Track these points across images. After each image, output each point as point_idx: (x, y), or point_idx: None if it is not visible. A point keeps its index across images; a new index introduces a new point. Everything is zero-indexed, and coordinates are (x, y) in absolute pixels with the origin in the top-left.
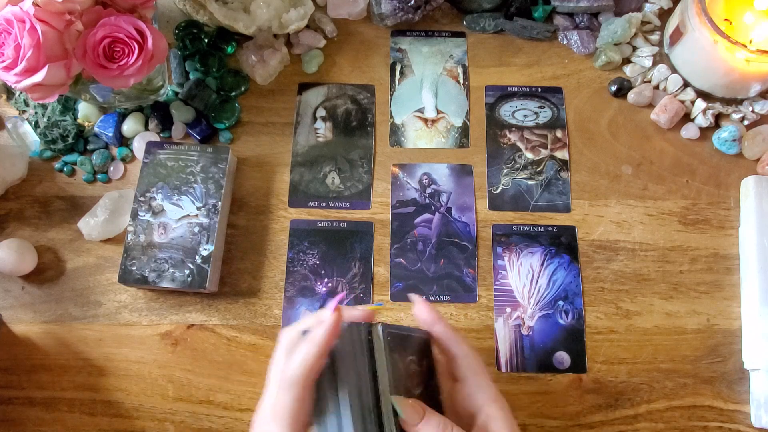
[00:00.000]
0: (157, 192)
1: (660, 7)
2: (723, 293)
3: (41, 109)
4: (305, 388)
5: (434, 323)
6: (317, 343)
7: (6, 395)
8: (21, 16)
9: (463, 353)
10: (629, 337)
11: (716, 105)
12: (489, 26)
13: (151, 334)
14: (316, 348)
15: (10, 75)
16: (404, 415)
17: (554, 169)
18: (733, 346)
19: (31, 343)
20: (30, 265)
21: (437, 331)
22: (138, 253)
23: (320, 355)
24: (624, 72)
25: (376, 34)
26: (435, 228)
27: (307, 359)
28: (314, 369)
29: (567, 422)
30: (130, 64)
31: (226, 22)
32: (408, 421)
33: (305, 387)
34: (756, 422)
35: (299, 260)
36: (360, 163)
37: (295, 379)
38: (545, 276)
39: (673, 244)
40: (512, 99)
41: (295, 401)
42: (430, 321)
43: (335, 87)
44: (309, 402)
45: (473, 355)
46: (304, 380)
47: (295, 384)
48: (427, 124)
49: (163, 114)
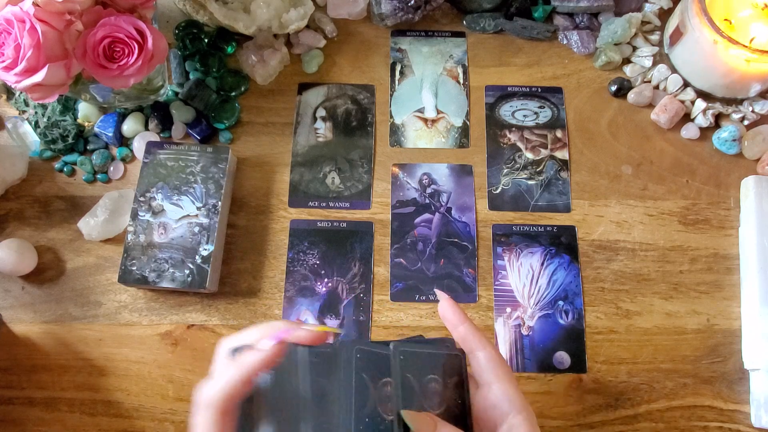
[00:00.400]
0: (157, 192)
1: (660, 7)
2: (723, 293)
3: (41, 109)
4: (224, 413)
5: (458, 324)
6: (246, 369)
7: (6, 395)
8: (21, 16)
9: (487, 357)
10: (629, 337)
11: (716, 105)
12: (489, 26)
13: (151, 334)
14: (240, 374)
15: (10, 75)
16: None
17: (554, 169)
18: (733, 346)
19: (31, 343)
20: (30, 265)
21: (461, 332)
22: (138, 253)
23: (244, 383)
24: (624, 72)
25: (376, 34)
26: (435, 228)
27: (229, 384)
28: (234, 396)
29: (567, 422)
30: (130, 64)
31: (226, 22)
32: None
33: (224, 412)
34: (756, 422)
35: (299, 260)
36: (360, 163)
37: (211, 401)
38: (545, 276)
39: (673, 244)
40: (512, 99)
41: (212, 424)
42: (455, 321)
43: (335, 87)
44: (230, 425)
45: (499, 360)
46: (223, 404)
47: (211, 406)
48: (427, 124)
49: (163, 114)
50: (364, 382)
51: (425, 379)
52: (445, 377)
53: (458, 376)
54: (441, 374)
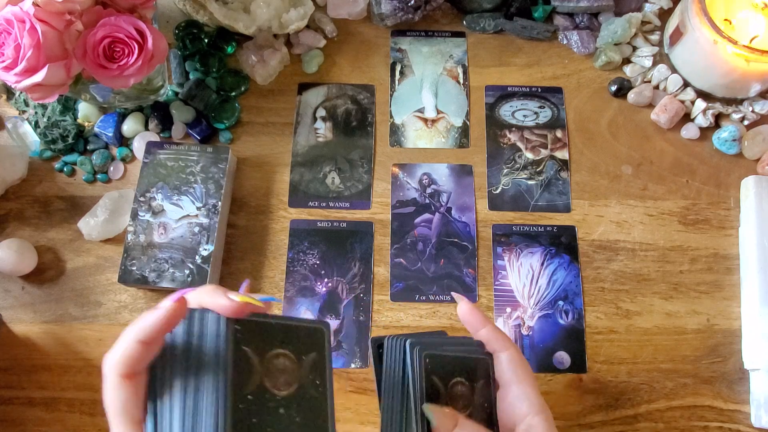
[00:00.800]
0: (157, 192)
1: (660, 7)
2: (723, 293)
3: (41, 109)
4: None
5: (480, 326)
6: (143, 331)
7: (6, 395)
8: (21, 16)
9: (508, 358)
10: (629, 337)
11: (716, 105)
12: (489, 26)
13: None
14: (136, 334)
15: (10, 75)
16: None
17: (554, 169)
18: (733, 346)
19: (31, 343)
20: (30, 265)
21: (483, 335)
22: (138, 253)
23: (142, 344)
24: (624, 72)
25: (376, 34)
26: (435, 228)
27: (125, 345)
28: (134, 356)
29: (567, 422)
30: (130, 64)
31: (226, 22)
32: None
33: (126, 375)
34: (756, 422)
35: (299, 260)
36: (360, 163)
37: (111, 365)
38: (545, 276)
39: (673, 244)
40: (512, 99)
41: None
42: (476, 324)
43: (335, 87)
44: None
45: (521, 361)
46: (123, 367)
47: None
48: (427, 124)
49: (163, 114)
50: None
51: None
52: (473, 380)
53: (485, 379)
54: (467, 377)
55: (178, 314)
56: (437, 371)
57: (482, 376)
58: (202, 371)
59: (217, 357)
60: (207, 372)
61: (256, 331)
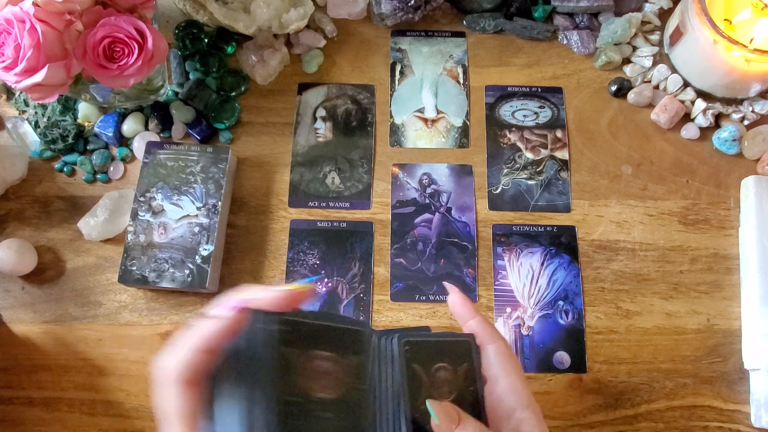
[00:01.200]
0: (157, 192)
1: (660, 7)
2: (723, 293)
3: (41, 109)
4: (188, 383)
5: (469, 317)
6: (202, 337)
7: (6, 395)
8: (21, 16)
9: (496, 350)
10: (629, 337)
11: (716, 105)
12: (489, 26)
13: (151, 334)
14: (198, 341)
15: (10, 75)
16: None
17: (554, 169)
18: (733, 346)
19: (31, 343)
20: (30, 265)
21: (471, 326)
22: (138, 253)
23: (204, 351)
24: (624, 72)
25: (376, 34)
26: (435, 228)
27: (187, 352)
28: (197, 364)
29: (567, 422)
30: (130, 64)
31: (226, 22)
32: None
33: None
34: (756, 422)
35: (299, 260)
36: (360, 163)
37: (172, 373)
38: (545, 276)
39: (673, 244)
40: (512, 99)
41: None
42: (465, 315)
43: (335, 87)
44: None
45: (509, 354)
46: (185, 374)
47: (172, 378)
48: (427, 124)
49: (163, 114)
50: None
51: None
52: (455, 364)
53: (468, 362)
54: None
55: (240, 324)
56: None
57: (465, 358)
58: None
59: (264, 360)
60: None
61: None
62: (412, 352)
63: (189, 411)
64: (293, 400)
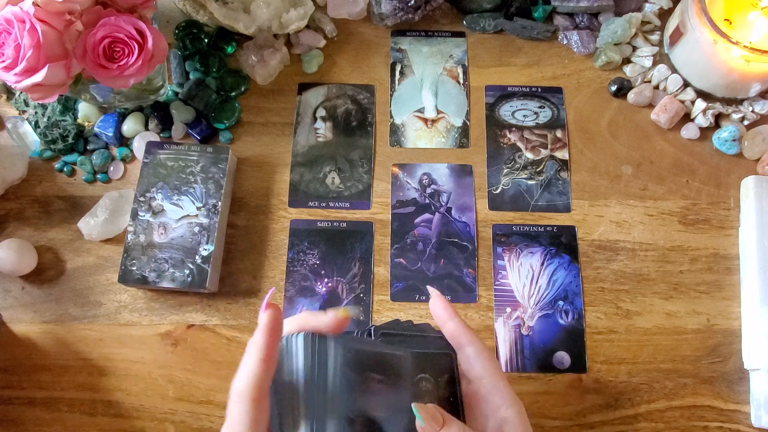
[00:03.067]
0: (157, 192)
1: (660, 7)
2: (723, 293)
3: (41, 109)
4: (255, 400)
5: (448, 320)
6: (258, 348)
7: (6, 395)
8: (21, 16)
9: (476, 353)
10: (629, 337)
11: (716, 105)
12: (489, 26)
13: (151, 334)
14: (257, 354)
15: (10, 75)
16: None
17: (554, 169)
18: (733, 346)
19: (31, 343)
20: (30, 265)
21: (450, 327)
22: (138, 253)
23: (264, 361)
24: (624, 72)
25: (376, 34)
26: (435, 228)
27: (252, 369)
28: (261, 378)
29: (567, 422)
30: (130, 64)
31: (226, 22)
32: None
33: (255, 399)
34: (756, 422)
35: (299, 260)
36: (360, 163)
37: (241, 392)
38: (545, 276)
39: (673, 244)
40: (512, 99)
41: (246, 415)
42: (444, 317)
43: (335, 87)
44: (264, 413)
45: (488, 355)
46: (253, 392)
47: (243, 398)
48: (427, 124)
49: (163, 114)
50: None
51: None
52: (437, 376)
53: (449, 373)
54: (432, 373)
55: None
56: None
57: (446, 370)
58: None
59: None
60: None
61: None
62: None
63: (256, 425)
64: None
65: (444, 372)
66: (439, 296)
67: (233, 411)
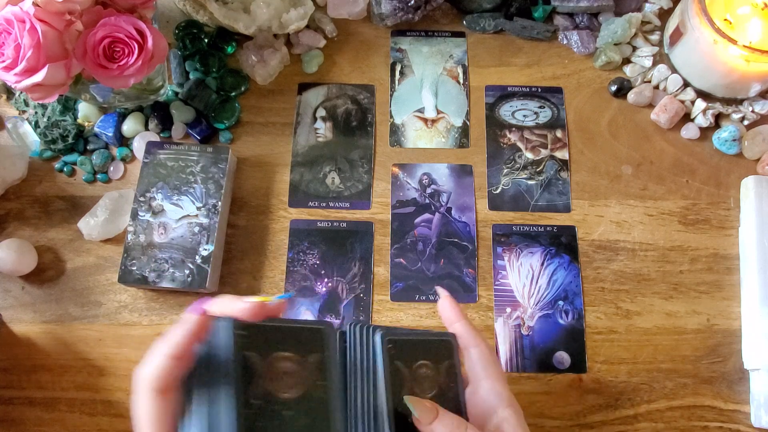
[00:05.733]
0: (157, 192)
1: (660, 7)
2: (723, 293)
3: (41, 109)
4: (161, 391)
5: (455, 321)
6: (172, 343)
7: (6, 395)
8: (21, 16)
9: (478, 354)
10: (629, 337)
11: (716, 105)
12: (489, 26)
13: (151, 334)
14: (170, 349)
15: (10, 75)
16: (417, 413)
17: (554, 169)
18: (733, 346)
19: (31, 343)
20: (30, 265)
21: (457, 329)
22: (138, 253)
23: (175, 358)
24: (624, 72)
25: (376, 34)
26: (435, 228)
27: (158, 360)
28: (168, 371)
29: (567, 422)
30: (130, 64)
31: (226, 22)
32: (421, 420)
33: (161, 390)
34: (756, 422)
35: (299, 260)
36: (360, 163)
37: (145, 381)
38: (545, 276)
39: (673, 244)
40: (512, 99)
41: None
42: (452, 318)
43: (335, 87)
44: (171, 405)
45: (491, 358)
46: (158, 382)
47: (146, 387)
48: (427, 124)
49: (163, 114)
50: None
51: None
52: (437, 362)
53: (449, 360)
54: (432, 359)
55: (204, 327)
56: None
57: (446, 357)
58: (216, 381)
59: (226, 365)
60: (219, 381)
61: (260, 335)
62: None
63: (160, 419)
64: (256, 403)
65: (444, 358)
66: (447, 297)
67: (140, 404)
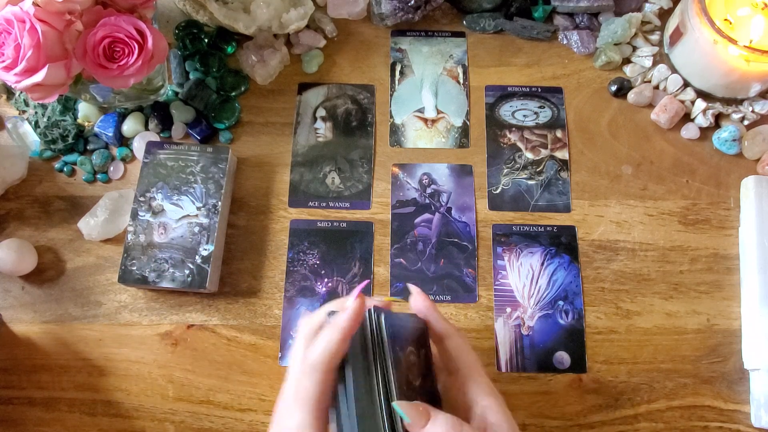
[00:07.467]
0: (157, 192)
1: (660, 7)
2: (723, 293)
3: (41, 109)
4: (327, 372)
5: (428, 315)
6: (340, 328)
7: (6, 395)
8: (21, 16)
9: (455, 346)
10: (629, 337)
11: (716, 105)
12: (489, 26)
13: (151, 334)
14: (339, 333)
15: (10, 75)
16: (409, 418)
17: (554, 169)
18: (733, 346)
19: (31, 343)
20: (30, 265)
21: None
22: (138, 253)
23: (342, 341)
24: (624, 72)
25: (376, 34)
26: (435, 228)
27: (330, 344)
28: (336, 354)
29: (567, 422)
30: (130, 64)
31: (226, 22)
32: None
33: (327, 372)
34: (756, 422)
35: (299, 260)
36: (360, 163)
37: (316, 364)
38: (545, 276)
39: (673, 244)
40: (512, 99)
41: (317, 385)
42: (424, 312)
43: (335, 87)
44: (331, 387)
45: (466, 348)
46: (326, 365)
47: (316, 369)
48: (427, 124)
49: (163, 114)
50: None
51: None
52: (418, 348)
53: (425, 348)
54: (415, 345)
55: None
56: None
57: (423, 344)
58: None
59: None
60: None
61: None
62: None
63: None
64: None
65: (422, 346)
66: (419, 293)
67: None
